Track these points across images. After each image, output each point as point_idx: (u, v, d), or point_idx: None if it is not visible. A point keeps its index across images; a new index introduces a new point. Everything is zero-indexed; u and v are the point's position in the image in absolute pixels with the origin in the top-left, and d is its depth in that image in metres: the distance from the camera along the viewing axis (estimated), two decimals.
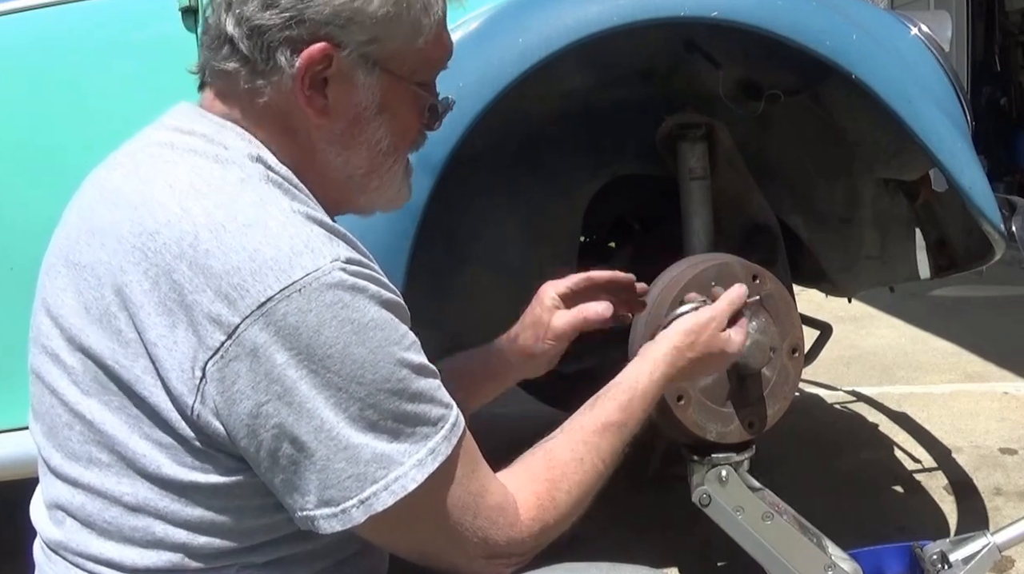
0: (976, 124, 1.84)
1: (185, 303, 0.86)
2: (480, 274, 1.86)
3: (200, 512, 0.91)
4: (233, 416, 0.86)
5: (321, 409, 0.86)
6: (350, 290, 0.87)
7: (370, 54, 0.96)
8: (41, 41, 1.73)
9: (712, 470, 1.47)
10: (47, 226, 1.06)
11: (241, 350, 0.85)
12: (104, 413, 0.91)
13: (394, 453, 0.88)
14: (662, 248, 1.90)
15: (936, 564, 1.48)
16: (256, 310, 0.84)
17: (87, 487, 0.93)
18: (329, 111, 0.97)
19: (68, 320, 0.94)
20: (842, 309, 3.33)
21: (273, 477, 0.89)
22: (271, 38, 0.93)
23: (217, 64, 0.97)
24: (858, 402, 3.40)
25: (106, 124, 1.69)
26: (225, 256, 0.86)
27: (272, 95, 0.95)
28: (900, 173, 1.93)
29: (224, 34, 0.95)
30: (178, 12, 1.68)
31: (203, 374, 0.86)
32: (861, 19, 1.62)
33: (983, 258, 1.89)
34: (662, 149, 1.80)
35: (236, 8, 0.94)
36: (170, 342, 0.87)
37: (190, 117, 1.00)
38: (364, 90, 0.97)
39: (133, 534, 0.91)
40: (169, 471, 0.89)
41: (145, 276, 0.88)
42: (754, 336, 1.43)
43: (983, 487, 2.58)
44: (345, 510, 0.88)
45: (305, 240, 0.88)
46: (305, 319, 0.85)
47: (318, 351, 0.85)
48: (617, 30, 1.49)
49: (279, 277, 0.85)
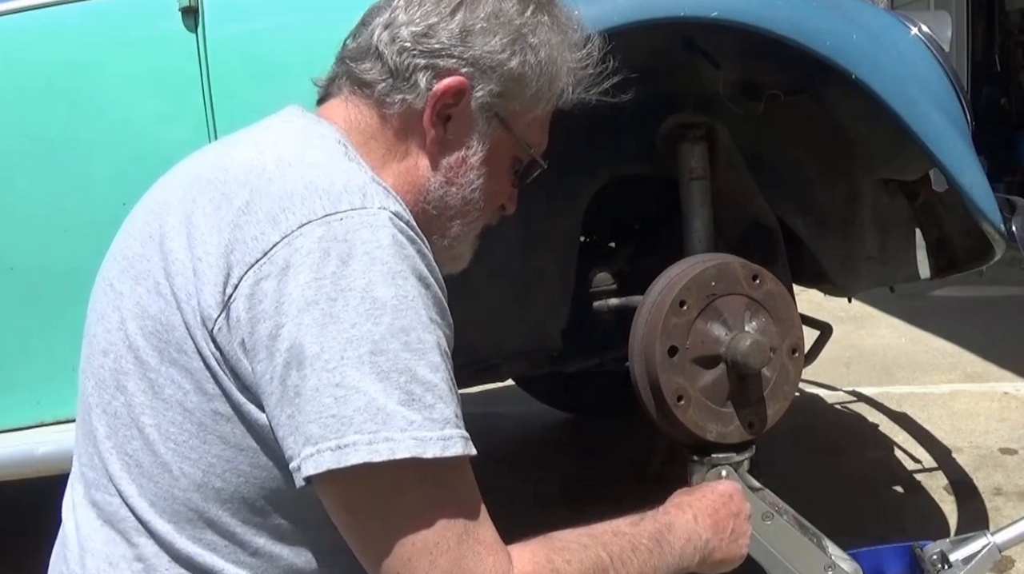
0: (976, 124, 1.84)
1: (238, 223, 0.90)
2: (480, 274, 1.86)
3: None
4: (255, 335, 0.87)
5: (330, 340, 0.84)
6: (390, 237, 0.88)
7: (494, 105, 1.05)
8: (41, 41, 1.74)
9: (712, 470, 1.47)
10: (47, 226, 1.06)
11: (273, 268, 0.87)
12: (139, 338, 0.94)
13: (396, 415, 0.84)
14: (662, 248, 1.90)
15: (936, 564, 1.48)
16: (296, 230, 0.87)
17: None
18: (444, 144, 1.05)
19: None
20: (842, 309, 3.33)
21: (280, 413, 0.86)
22: (419, 61, 1.02)
23: (359, 72, 1.05)
24: (858, 402, 3.40)
25: (107, 124, 1.69)
26: (283, 183, 0.91)
27: (400, 110, 1.03)
28: (900, 173, 1.93)
29: (373, 48, 1.04)
30: (178, 12, 1.68)
31: (235, 290, 0.88)
32: (861, 19, 1.62)
33: (983, 258, 1.89)
34: (662, 149, 1.80)
35: (394, 29, 1.03)
36: (213, 258, 0.90)
37: (303, 119, 1.05)
38: (479, 136, 1.06)
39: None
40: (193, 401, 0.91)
41: (210, 202, 0.93)
42: (754, 336, 1.43)
43: (983, 487, 2.58)
44: (320, 451, 0.84)
45: (361, 185, 0.92)
46: (337, 247, 0.87)
47: (341, 281, 0.86)
48: (617, 30, 1.49)
49: (324, 205, 0.89)
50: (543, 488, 2.67)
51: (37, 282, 1.67)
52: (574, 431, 3.21)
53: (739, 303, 1.47)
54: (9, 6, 1.71)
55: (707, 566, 1.10)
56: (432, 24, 1.03)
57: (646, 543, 1.02)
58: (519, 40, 1.05)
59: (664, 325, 1.44)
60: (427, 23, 1.03)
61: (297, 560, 0.96)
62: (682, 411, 1.45)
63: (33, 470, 1.62)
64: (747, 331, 1.45)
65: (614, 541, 1.00)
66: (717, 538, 1.11)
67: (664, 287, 1.51)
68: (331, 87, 1.09)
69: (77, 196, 1.65)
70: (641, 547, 1.01)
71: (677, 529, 1.08)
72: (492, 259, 1.86)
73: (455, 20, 1.03)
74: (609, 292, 1.86)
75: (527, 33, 1.05)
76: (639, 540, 1.02)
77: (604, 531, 1.01)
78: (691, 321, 1.44)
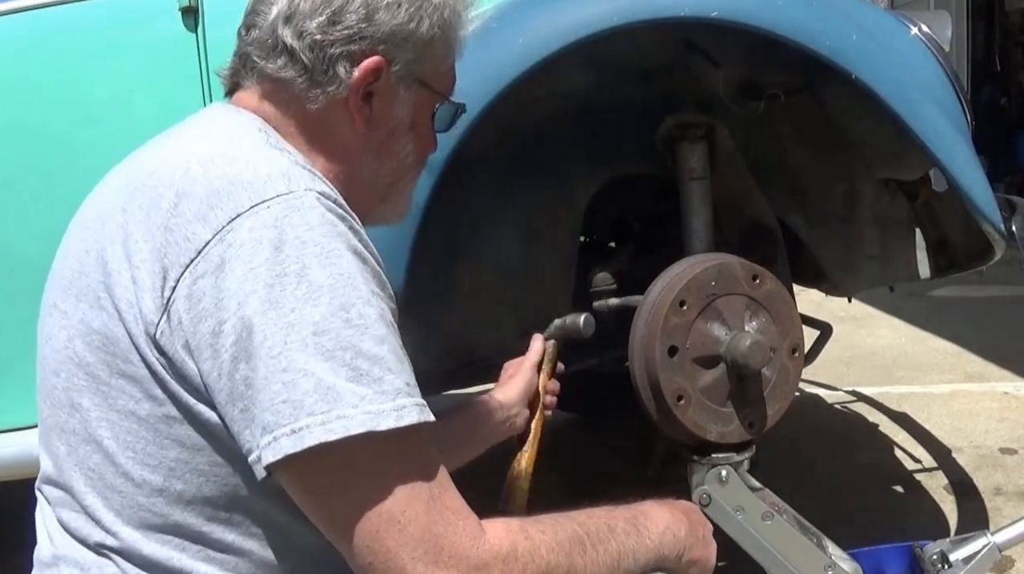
0: (976, 124, 1.84)
1: (168, 226, 0.90)
2: (480, 274, 1.86)
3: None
4: (198, 335, 0.87)
5: (271, 327, 0.84)
6: (319, 217, 0.89)
7: (413, 71, 1.06)
8: (41, 41, 1.74)
9: (712, 470, 1.47)
10: (47, 226, 1.06)
11: (208, 266, 0.87)
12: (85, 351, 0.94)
13: (345, 392, 0.84)
14: (662, 248, 1.90)
15: (936, 564, 1.48)
16: (226, 226, 0.88)
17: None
18: (372, 122, 1.06)
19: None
20: (842, 309, 3.33)
21: (232, 408, 0.86)
22: (334, 52, 1.02)
23: (271, 71, 1.03)
24: (858, 402, 3.40)
25: (106, 124, 1.70)
26: (207, 182, 0.91)
27: (324, 103, 1.03)
28: (900, 173, 1.93)
29: (282, 44, 1.02)
30: (178, 12, 1.68)
31: (172, 292, 0.88)
32: (861, 19, 1.62)
33: (983, 258, 1.89)
34: (662, 149, 1.80)
35: (297, 22, 1.01)
36: (149, 264, 0.89)
37: (223, 111, 1.06)
38: (402, 104, 1.07)
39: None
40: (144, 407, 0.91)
41: (139, 208, 0.93)
42: (754, 336, 1.43)
43: (983, 487, 2.58)
44: (276, 438, 0.83)
45: (285, 171, 0.92)
46: (267, 234, 0.87)
47: (276, 267, 0.86)
48: (617, 30, 1.49)
49: (251, 196, 0.89)
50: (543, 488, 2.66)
51: (37, 282, 1.67)
52: (574, 431, 3.21)
53: (739, 303, 1.47)
54: (9, 6, 1.71)
55: (684, 565, 1.09)
56: (336, 9, 1.02)
57: (622, 525, 1.02)
58: (423, 4, 1.05)
59: (664, 325, 1.44)
60: (331, 9, 1.01)
61: (266, 554, 0.96)
62: (682, 411, 1.45)
63: (33, 470, 1.62)
64: (747, 331, 1.45)
65: (589, 521, 0.99)
66: (693, 536, 1.10)
67: (664, 287, 1.51)
68: (237, 78, 1.08)
69: (77, 196, 1.65)
70: (617, 529, 1.01)
71: (654, 518, 1.07)
72: (492, 259, 1.87)
73: (358, 0, 1.02)
74: (609, 292, 1.86)
75: None
76: (615, 522, 1.02)
77: (577, 514, 1.00)
78: (691, 321, 1.44)
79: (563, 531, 0.95)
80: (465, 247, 1.84)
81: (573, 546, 0.95)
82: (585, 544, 0.96)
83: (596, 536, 0.98)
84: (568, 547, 0.94)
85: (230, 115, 1.04)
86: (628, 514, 1.04)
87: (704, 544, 1.11)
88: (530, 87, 1.53)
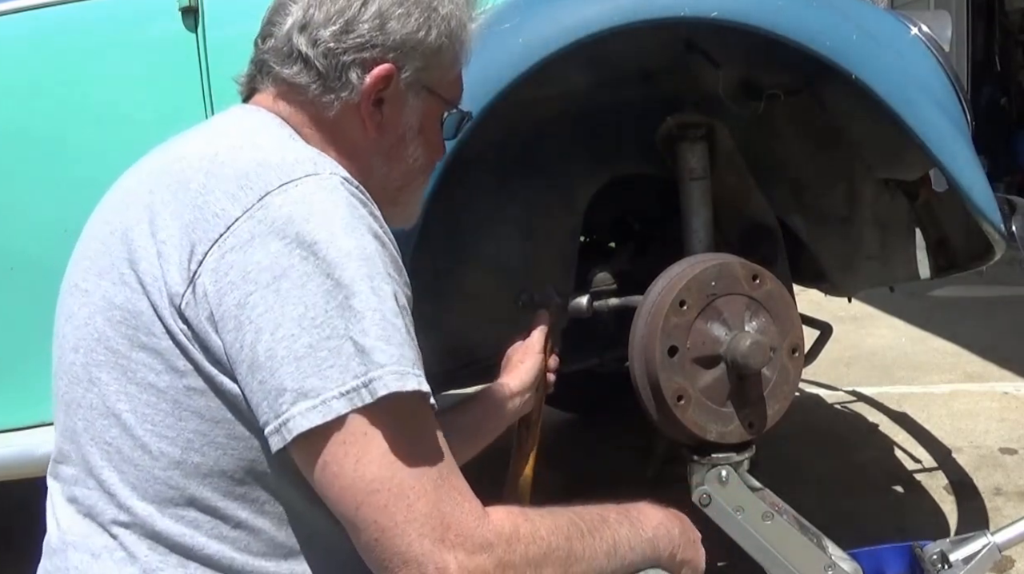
0: (976, 124, 1.84)
1: (197, 205, 0.93)
2: (480, 274, 1.86)
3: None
4: (223, 306, 0.89)
5: (295, 300, 0.87)
6: (345, 198, 0.93)
7: (421, 79, 1.11)
8: (41, 41, 1.74)
9: (712, 470, 1.47)
10: (47, 226, 1.06)
11: (237, 241, 0.90)
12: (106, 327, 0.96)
13: (375, 351, 0.87)
14: (662, 248, 1.90)
15: (936, 564, 1.48)
16: (256, 203, 0.91)
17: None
18: (383, 127, 1.10)
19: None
20: (842, 309, 3.33)
21: (252, 379, 0.89)
22: (346, 59, 1.06)
23: (287, 75, 1.08)
24: (858, 402, 3.40)
25: (106, 124, 1.70)
26: (236, 165, 0.95)
27: (337, 108, 1.07)
28: (900, 173, 1.93)
29: (297, 52, 1.07)
30: (178, 12, 1.68)
31: (199, 266, 0.90)
32: (861, 19, 1.62)
33: (983, 258, 1.89)
34: (662, 149, 1.80)
35: (312, 31, 1.06)
36: (176, 239, 0.92)
37: (243, 111, 1.11)
38: (411, 111, 1.12)
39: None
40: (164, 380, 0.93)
41: (167, 189, 0.97)
42: (754, 336, 1.43)
43: (983, 487, 2.58)
44: (296, 410, 0.87)
45: (311, 155, 0.98)
46: (297, 209, 0.90)
47: (305, 238, 0.89)
48: (617, 30, 1.49)
49: (280, 175, 0.93)
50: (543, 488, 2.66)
51: (37, 282, 1.67)
52: (574, 431, 3.21)
53: (739, 303, 1.47)
54: (9, 6, 1.71)
55: (677, 564, 1.11)
56: (349, 19, 1.06)
57: (615, 517, 1.05)
58: (432, 15, 1.10)
59: (664, 325, 1.44)
60: (344, 19, 1.06)
61: (278, 534, 0.97)
62: (682, 411, 1.45)
63: (33, 470, 1.62)
64: (747, 331, 1.45)
65: (584, 512, 1.03)
66: (685, 537, 1.12)
67: (664, 287, 1.51)
68: (254, 84, 1.13)
69: (77, 196, 1.65)
70: (610, 520, 1.04)
71: (648, 514, 1.10)
72: (492, 259, 1.87)
73: (370, 10, 1.07)
74: (609, 292, 1.86)
75: (437, 6, 1.10)
76: (608, 514, 1.05)
77: (569, 508, 1.03)
78: (691, 321, 1.44)
79: (561, 517, 0.99)
80: (465, 247, 1.84)
81: (572, 530, 0.98)
82: (583, 530, 0.99)
83: (591, 524, 1.01)
84: (567, 531, 0.98)
85: (250, 113, 1.09)
86: (622, 509, 1.08)
87: (696, 548, 1.14)
88: (530, 87, 1.53)
